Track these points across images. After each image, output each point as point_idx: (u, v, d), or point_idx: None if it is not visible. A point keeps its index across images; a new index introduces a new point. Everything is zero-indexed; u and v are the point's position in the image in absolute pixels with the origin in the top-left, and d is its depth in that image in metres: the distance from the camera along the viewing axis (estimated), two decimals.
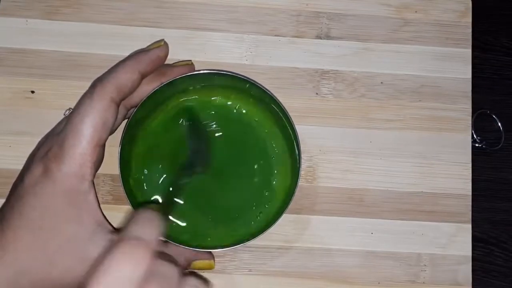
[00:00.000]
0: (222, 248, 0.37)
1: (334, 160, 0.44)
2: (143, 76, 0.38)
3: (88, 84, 0.38)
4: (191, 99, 0.41)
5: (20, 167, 0.38)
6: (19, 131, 0.42)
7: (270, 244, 0.42)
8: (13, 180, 0.38)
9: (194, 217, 0.40)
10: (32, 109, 0.43)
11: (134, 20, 0.45)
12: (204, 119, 0.42)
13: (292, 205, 0.38)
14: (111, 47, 0.44)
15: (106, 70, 0.39)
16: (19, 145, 0.42)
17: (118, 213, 0.41)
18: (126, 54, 0.42)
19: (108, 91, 0.35)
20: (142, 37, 0.44)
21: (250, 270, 0.42)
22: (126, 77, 0.36)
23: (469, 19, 0.47)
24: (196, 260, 0.38)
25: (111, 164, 0.39)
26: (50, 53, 0.44)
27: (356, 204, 0.43)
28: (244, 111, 0.42)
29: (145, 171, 0.40)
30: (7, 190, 0.38)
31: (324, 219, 0.43)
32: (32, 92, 0.43)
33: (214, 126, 0.42)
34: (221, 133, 0.41)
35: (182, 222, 0.40)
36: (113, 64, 0.40)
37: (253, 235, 0.38)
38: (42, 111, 0.43)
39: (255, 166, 0.41)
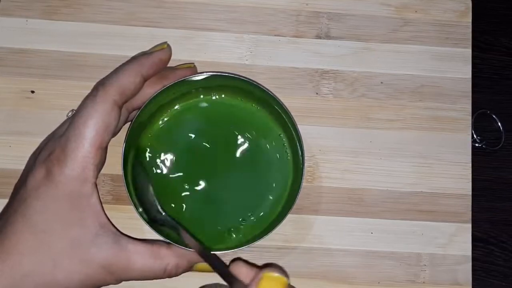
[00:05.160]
0: (223, 250, 0.37)
1: (334, 160, 0.44)
2: (145, 79, 0.38)
3: (88, 84, 0.38)
4: (194, 101, 0.41)
5: (20, 167, 0.38)
6: (19, 131, 0.42)
7: (270, 244, 0.42)
8: (13, 180, 0.38)
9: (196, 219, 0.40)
10: (32, 109, 0.43)
11: (134, 20, 0.45)
12: (205, 123, 0.42)
13: None
14: (111, 47, 0.44)
15: (106, 70, 0.39)
16: (19, 145, 0.42)
17: (118, 213, 0.41)
18: (126, 54, 0.42)
19: (111, 94, 0.35)
20: (142, 37, 0.44)
21: None
22: (128, 80, 0.36)
23: (469, 19, 0.47)
24: (199, 262, 0.38)
25: (111, 164, 0.39)
26: (50, 53, 0.44)
27: (356, 204, 0.43)
28: (246, 113, 0.42)
29: (149, 173, 0.40)
30: (7, 190, 0.38)
31: (324, 219, 0.43)
32: (32, 92, 0.43)
33: (217, 128, 0.41)
34: (223, 135, 0.41)
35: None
36: (113, 64, 0.40)
37: (257, 237, 0.38)
38: (42, 111, 0.43)
39: (258, 168, 0.41)
